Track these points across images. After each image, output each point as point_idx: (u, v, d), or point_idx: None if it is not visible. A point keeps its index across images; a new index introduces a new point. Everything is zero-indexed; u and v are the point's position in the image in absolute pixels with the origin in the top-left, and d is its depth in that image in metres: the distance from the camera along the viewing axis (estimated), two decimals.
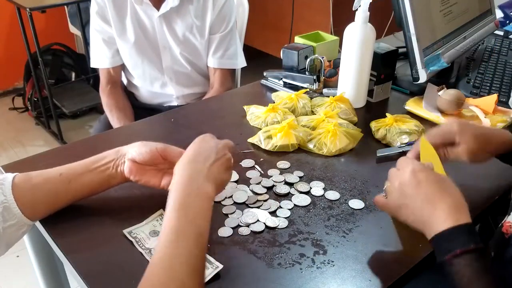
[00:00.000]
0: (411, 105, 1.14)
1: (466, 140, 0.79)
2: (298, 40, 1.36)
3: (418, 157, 0.78)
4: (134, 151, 0.77)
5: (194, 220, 0.63)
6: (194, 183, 0.67)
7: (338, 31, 1.31)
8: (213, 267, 0.68)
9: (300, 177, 0.90)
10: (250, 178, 0.90)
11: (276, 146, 0.98)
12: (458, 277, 0.60)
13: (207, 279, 0.66)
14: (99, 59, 1.51)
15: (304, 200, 0.84)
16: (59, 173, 0.75)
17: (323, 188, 0.87)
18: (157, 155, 0.78)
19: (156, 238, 0.74)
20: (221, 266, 0.68)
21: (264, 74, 1.31)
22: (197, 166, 0.69)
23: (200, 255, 0.61)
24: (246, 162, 0.95)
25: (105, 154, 0.79)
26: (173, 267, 0.58)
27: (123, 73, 1.59)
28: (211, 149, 0.72)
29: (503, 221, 0.73)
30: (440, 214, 0.64)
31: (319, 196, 0.85)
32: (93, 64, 1.53)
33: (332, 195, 0.85)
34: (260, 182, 0.88)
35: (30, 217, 0.73)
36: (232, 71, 1.59)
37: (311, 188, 0.87)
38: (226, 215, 0.80)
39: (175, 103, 1.59)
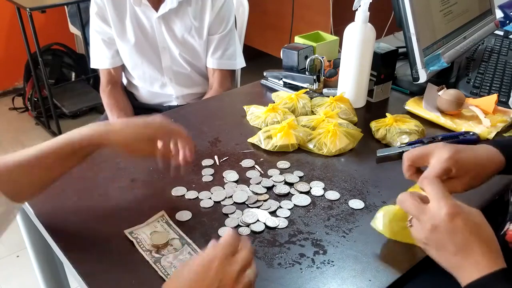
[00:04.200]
0: (411, 105, 1.14)
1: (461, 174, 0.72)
2: (298, 40, 1.36)
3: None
4: (120, 137, 0.77)
5: None
6: None
7: (338, 31, 1.31)
8: None
9: (300, 177, 0.90)
10: (250, 178, 0.90)
11: (276, 146, 0.98)
12: None
13: None
14: (99, 59, 1.51)
15: (304, 200, 0.84)
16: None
17: (323, 188, 0.87)
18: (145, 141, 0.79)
19: (157, 238, 0.74)
20: None
21: (264, 74, 1.31)
22: None
23: None
24: (246, 162, 0.95)
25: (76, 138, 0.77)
26: None
27: (123, 73, 1.59)
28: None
29: (506, 228, 0.72)
30: (473, 263, 0.59)
31: (319, 196, 0.85)
32: (93, 65, 1.53)
33: (332, 195, 0.86)
34: (260, 182, 0.88)
35: (16, 199, 0.70)
36: (232, 72, 1.59)
37: (311, 188, 0.87)
38: (226, 215, 0.80)
39: (174, 103, 1.59)
